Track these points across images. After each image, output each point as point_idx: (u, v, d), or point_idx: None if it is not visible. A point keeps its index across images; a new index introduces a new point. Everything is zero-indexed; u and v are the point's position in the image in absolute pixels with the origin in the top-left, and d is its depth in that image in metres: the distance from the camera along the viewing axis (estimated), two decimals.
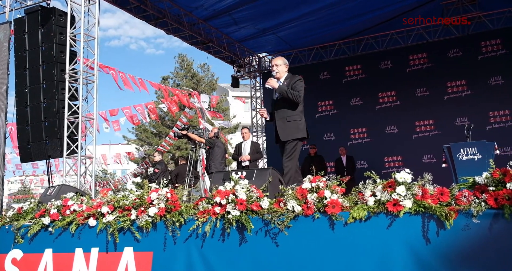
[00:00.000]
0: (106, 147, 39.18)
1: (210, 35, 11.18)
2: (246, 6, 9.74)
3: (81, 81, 7.70)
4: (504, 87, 10.18)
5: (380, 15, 10.64)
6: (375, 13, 10.44)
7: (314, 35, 11.53)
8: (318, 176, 3.70)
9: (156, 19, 9.92)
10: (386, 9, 10.32)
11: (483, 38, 10.51)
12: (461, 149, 6.79)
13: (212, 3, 9.67)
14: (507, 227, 2.86)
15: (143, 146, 25.27)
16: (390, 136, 11.21)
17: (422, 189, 3.20)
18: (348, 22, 10.88)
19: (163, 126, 24.85)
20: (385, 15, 10.75)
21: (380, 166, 10.92)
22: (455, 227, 2.97)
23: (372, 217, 3.29)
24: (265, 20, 10.57)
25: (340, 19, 10.65)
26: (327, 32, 11.39)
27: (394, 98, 11.32)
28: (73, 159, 7.79)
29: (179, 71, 26.83)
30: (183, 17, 10.24)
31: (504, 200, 2.88)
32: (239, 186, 3.91)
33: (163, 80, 26.57)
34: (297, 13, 10.13)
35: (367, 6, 10.03)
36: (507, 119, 10.08)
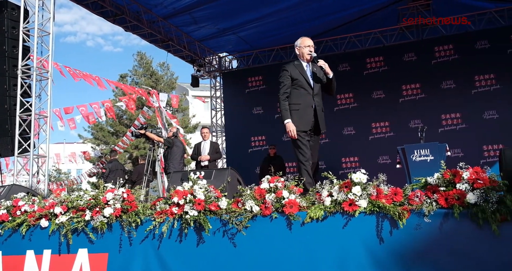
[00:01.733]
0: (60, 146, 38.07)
1: (170, 34, 11.05)
2: (206, 5, 9.68)
3: (34, 78, 7.44)
4: (455, 91, 10.58)
5: (339, 18, 10.83)
6: (334, 16, 10.62)
7: (274, 35, 11.60)
8: (276, 176, 3.73)
9: (114, 15, 9.71)
10: (344, 13, 10.52)
11: (437, 43, 10.88)
12: (414, 150, 7.02)
13: (172, 1, 9.57)
14: (456, 226, 2.97)
15: (100, 145, 24.70)
16: (348, 137, 11.42)
17: (377, 189, 3.28)
18: (308, 24, 11.00)
19: (120, 125, 24.36)
20: (344, 19, 10.95)
21: (337, 167, 11.11)
22: (407, 226, 3.06)
23: (329, 216, 3.35)
24: (225, 20, 10.55)
25: (300, 20, 10.75)
26: (288, 33, 11.47)
27: (352, 100, 11.55)
28: (24, 158, 7.53)
29: (138, 70, 26.39)
30: (143, 15, 10.08)
31: (454, 200, 2.99)
32: (197, 186, 3.88)
33: (121, 78, 26.05)
34: (258, 13, 10.17)
35: (326, 9, 10.18)
36: (458, 122, 10.48)
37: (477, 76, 10.44)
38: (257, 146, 12.35)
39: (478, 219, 2.88)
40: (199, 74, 13.30)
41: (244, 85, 12.73)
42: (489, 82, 10.35)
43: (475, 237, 2.90)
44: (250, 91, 12.69)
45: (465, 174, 3.04)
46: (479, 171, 3.04)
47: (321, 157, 11.23)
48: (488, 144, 10.08)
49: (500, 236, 2.82)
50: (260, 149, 12.20)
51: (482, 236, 2.88)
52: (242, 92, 12.77)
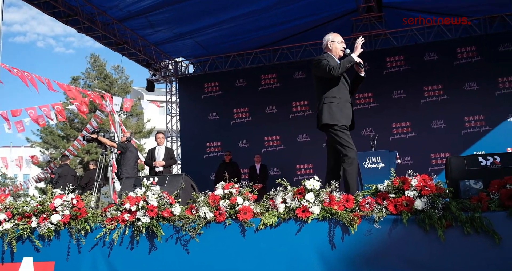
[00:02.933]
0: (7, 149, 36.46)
1: (125, 37, 10.85)
2: (162, 9, 9.57)
3: None
4: (405, 100, 10.94)
5: (295, 26, 10.98)
6: (290, 24, 10.76)
7: (232, 42, 11.63)
8: (231, 182, 3.72)
9: (67, 16, 9.43)
10: (301, 21, 10.68)
11: (388, 54, 11.24)
12: (366, 157, 7.17)
13: (127, 4, 9.40)
14: (405, 232, 3.06)
15: (49, 149, 23.84)
16: (302, 144, 11.57)
17: (330, 195, 3.33)
18: (265, 31, 11.11)
19: (71, 129, 23.61)
20: (300, 27, 11.11)
21: (292, 173, 11.22)
22: (358, 232, 3.13)
23: (282, 223, 3.37)
24: (182, 25, 10.47)
25: (257, 27, 10.84)
26: (245, 40, 11.54)
27: (307, 107, 11.71)
28: None
29: (91, 72, 25.71)
30: (97, 16, 9.85)
31: (403, 207, 3.08)
32: (150, 192, 3.82)
33: (73, 80, 25.30)
34: (215, 19, 10.16)
35: (283, 17, 10.32)
36: (408, 131, 10.83)
37: (426, 87, 10.84)
38: (213, 152, 12.30)
39: (425, 225, 2.97)
40: (154, 78, 13.13)
41: (200, 91, 12.67)
42: (437, 92, 10.77)
43: (422, 243, 3.00)
44: (206, 97, 12.64)
45: (413, 181, 3.14)
46: (427, 179, 3.15)
47: (276, 164, 11.42)
48: (436, 152, 10.47)
49: (445, 241, 2.92)
50: (216, 155, 12.15)
51: (428, 241, 2.98)
52: (198, 97, 12.71)
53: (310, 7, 9.91)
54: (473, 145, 10.30)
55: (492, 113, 10.30)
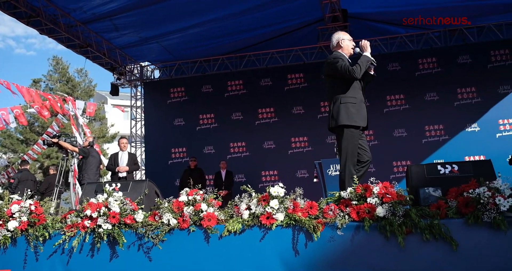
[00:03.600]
0: None
1: (89, 39, 10.65)
2: (128, 13, 9.43)
3: None
4: (369, 109, 10.91)
5: (262, 34, 11.06)
6: (257, 31, 10.82)
7: (198, 47, 11.59)
8: (195, 189, 3.70)
9: (28, 17, 9.18)
10: (267, 29, 10.75)
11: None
12: (330, 165, 7.27)
13: (92, 6, 9.22)
14: (366, 238, 3.11)
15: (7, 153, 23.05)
16: (268, 151, 11.61)
17: (294, 202, 3.35)
18: (232, 38, 11.13)
19: (31, 133, 22.93)
20: (267, 35, 11.19)
21: (257, 180, 11.24)
22: (322, 238, 3.16)
23: (247, 230, 3.37)
24: (148, 29, 10.35)
25: (225, 33, 10.84)
26: (212, 46, 11.52)
27: (273, 114, 11.78)
28: None
29: (53, 75, 25.08)
30: (60, 18, 9.62)
31: (365, 214, 3.14)
32: (112, 198, 3.75)
33: (34, 83, 24.61)
34: (181, 24, 10.11)
35: (251, 24, 10.36)
36: (371, 139, 11.04)
37: (389, 96, 11.11)
38: (178, 157, 12.19)
39: (386, 232, 3.04)
40: (119, 82, 12.93)
41: (166, 96, 12.56)
42: (399, 102, 11.04)
43: (383, 249, 3.06)
44: (172, 102, 12.54)
45: (375, 188, 3.20)
46: (388, 186, 3.22)
47: (241, 170, 11.43)
48: (397, 160, 10.72)
49: (405, 247, 2.99)
50: (181, 161, 12.05)
51: (389, 247, 3.04)
52: (164, 103, 12.59)
53: (277, 16, 10.00)
54: (433, 153, 10.59)
55: (451, 123, 10.64)
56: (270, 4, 9.34)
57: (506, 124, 10.37)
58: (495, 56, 10.67)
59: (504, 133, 10.37)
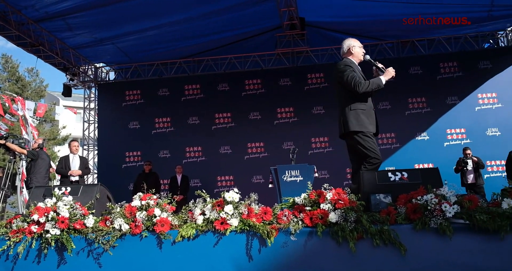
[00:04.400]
0: None
1: (41, 38, 10.30)
2: (82, 12, 9.18)
3: None
4: (324, 116, 11.36)
5: (221, 39, 11.06)
6: (215, 36, 10.82)
7: (155, 50, 11.45)
8: (149, 193, 3.64)
9: None
10: (226, 34, 10.78)
11: (309, 71, 11.65)
12: (286, 170, 7.33)
13: (45, 4, 8.93)
14: (319, 244, 3.15)
15: None
16: (224, 156, 11.59)
17: (248, 208, 3.36)
18: (190, 41, 11.06)
19: None
20: (225, 40, 11.21)
21: (213, 185, 11.18)
22: (275, 244, 3.18)
23: (200, 235, 3.34)
24: (103, 30, 10.13)
25: (183, 37, 10.76)
26: (169, 49, 11.41)
27: (230, 120, 11.78)
28: None
29: (2, 74, 24.09)
30: (10, 15, 9.26)
31: (318, 219, 3.18)
32: (61, 203, 3.63)
33: None
34: (139, 26, 9.95)
35: (209, 29, 10.35)
36: (326, 146, 11.24)
37: None
38: (132, 161, 11.96)
39: (338, 237, 3.09)
40: (72, 83, 12.56)
41: (121, 99, 12.32)
42: None
43: (335, 254, 3.11)
44: (127, 105, 12.31)
45: (328, 194, 3.26)
46: (341, 192, 3.28)
47: (197, 175, 11.34)
48: (351, 167, 10.92)
49: (356, 253, 3.05)
50: (135, 165, 11.82)
51: (341, 253, 3.10)
52: (119, 105, 12.34)
53: (235, 21, 10.05)
54: (384, 160, 10.85)
55: (402, 131, 10.98)
56: (229, 9, 9.37)
57: (453, 134, 10.82)
58: (444, 68, 11.14)
59: (451, 142, 10.81)
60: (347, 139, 4.48)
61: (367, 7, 9.45)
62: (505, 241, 2.93)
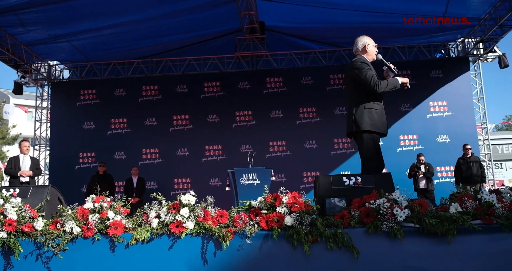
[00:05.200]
0: None
1: None
2: (35, 8, 8.83)
3: None
4: (282, 120, 11.48)
5: (180, 40, 10.97)
6: (175, 37, 10.72)
7: (113, 49, 11.21)
8: (102, 195, 3.56)
9: None
10: (186, 35, 10.69)
11: (268, 75, 11.73)
12: (243, 174, 7.35)
13: None
14: (274, 247, 3.17)
15: None
16: (181, 158, 11.48)
17: (205, 211, 3.34)
18: (148, 41, 10.90)
19: None
20: (185, 41, 11.12)
21: (169, 188, 11.06)
22: (231, 247, 3.17)
23: (155, 238, 3.29)
24: (58, 27, 9.79)
25: (142, 37, 10.59)
26: (127, 49, 11.20)
27: (188, 122, 11.69)
28: None
29: None
30: None
31: (274, 222, 3.20)
32: (9, 205, 3.49)
33: None
34: (96, 24, 9.71)
35: (168, 29, 10.24)
36: (283, 150, 11.34)
37: (302, 109, 11.50)
38: (86, 162, 11.65)
39: (293, 240, 3.11)
40: (23, 81, 12.10)
41: (76, 98, 11.99)
42: (311, 114, 11.47)
43: (289, 257, 3.13)
44: (81, 104, 11.99)
45: (285, 198, 3.29)
46: (297, 196, 3.32)
47: (153, 177, 11.18)
48: (308, 171, 11.10)
49: (311, 256, 3.09)
50: (89, 166, 11.52)
51: (295, 256, 3.12)
52: (73, 105, 12.00)
53: (195, 23, 9.99)
54: (340, 165, 11.11)
55: None
56: (189, 11, 9.30)
57: (406, 140, 11.17)
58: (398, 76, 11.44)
59: (404, 148, 11.15)
60: (357, 137, 4.48)
61: (326, 14, 9.63)
62: (452, 244, 3.05)
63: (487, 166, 11.49)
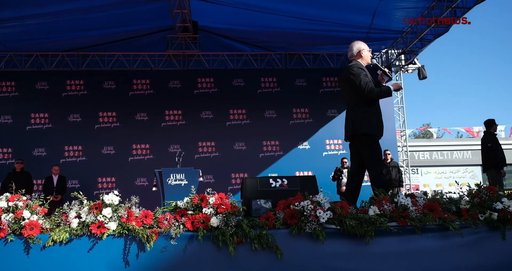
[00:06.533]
0: None
1: None
2: None
3: None
4: (212, 121, 11.46)
5: (108, 34, 10.59)
6: (103, 31, 10.32)
7: (36, 40, 10.58)
8: (18, 194, 3.36)
9: None
10: (115, 30, 10.34)
11: (200, 75, 11.67)
12: (171, 174, 7.25)
13: None
14: (199, 248, 3.16)
15: None
16: (107, 157, 11.10)
17: (128, 211, 3.26)
18: (75, 34, 10.41)
19: None
20: (114, 36, 10.76)
21: (92, 187, 10.67)
22: (155, 249, 3.12)
23: (74, 239, 3.17)
24: None
25: (69, 29, 10.09)
26: (52, 40, 10.63)
27: (115, 119, 11.33)
28: None
29: None
30: None
31: (199, 223, 3.19)
32: None
33: None
34: (17, 12, 9.13)
35: (97, 23, 9.85)
36: (213, 150, 11.32)
37: (232, 110, 11.55)
38: (1, 159, 10.95)
39: (218, 242, 3.12)
40: None
41: None
42: (241, 116, 11.55)
43: (214, 258, 3.14)
44: None
45: (211, 199, 3.28)
46: (223, 197, 3.33)
47: (76, 176, 10.72)
48: (236, 172, 11.16)
49: (235, 256, 3.11)
50: (5, 163, 10.83)
51: (220, 257, 3.13)
52: None
53: (125, 18, 9.69)
54: (268, 167, 11.28)
55: (286, 140, 11.47)
56: (119, 4, 9.02)
57: (332, 144, 11.56)
58: (326, 82, 11.88)
59: (329, 152, 11.53)
60: (356, 140, 4.58)
61: (259, 18, 9.74)
62: (370, 245, 3.20)
63: (405, 171, 12.17)
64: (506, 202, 3.41)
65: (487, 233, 3.36)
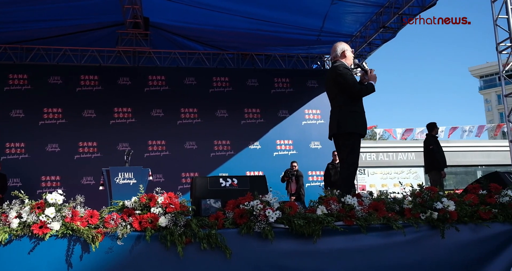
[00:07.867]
0: None
1: None
2: None
3: None
4: (163, 119, 11.28)
5: (55, 28, 10.19)
6: (50, 24, 9.93)
7: None
8: None
9: None
10: (62, 23, 9.97)
11: (150, 73, 11.47)
12: (119, 172, 7.11)
13: None
14: (147, 249, 3.11)
15: None
16: (51, 154, 10.69)
17: (73, 211, 3.16)
18: (18, 26, 9.95)
19: None
20: (61, 29, 10.37)
21: (35, 186, 10.23)
22: (100, 249, 3.03)
23: (14, 240, 3.03)
24: None
25: (10, 20, 9.61)
26: None
27: (60, 115, 10.92)
28: None
29: None
30: None
31: (147, 223, 3.13)
32: None
33: None
34: None
35: (42, 15, 9.44)
36: (163, 149, 11.15)
37: (183, 109, 11.42)
38: None
39: (166, 242, 3.08)
40: None
41: None
42: (192, 115, 11.45)
43: (162, 258, 3.09)
44: None
45: (160, 198, 3.24)
46: (172, 196, 3.29)
47: (17, 174, 10.26)
48: (187, 172, 11.05)
49: (184, 256, 3.08)
50: None
51: (168, 257, 3.09)
52: None
53: (73, 11, 9.34)
54: (219, 166, 11.24)
55: (237, 139, 11.48)
56: None
57: (282, 145, 11.69)
58: (277, 83, 11.99)
59: (280, 153, 11.65)
60: (340, 138, 4.62)
61: (212, 17, 9.70)
62: (318, 244, 3.26)
63: None
64: (445, 202, 3.56)
65: (427, 232, 3.50)
